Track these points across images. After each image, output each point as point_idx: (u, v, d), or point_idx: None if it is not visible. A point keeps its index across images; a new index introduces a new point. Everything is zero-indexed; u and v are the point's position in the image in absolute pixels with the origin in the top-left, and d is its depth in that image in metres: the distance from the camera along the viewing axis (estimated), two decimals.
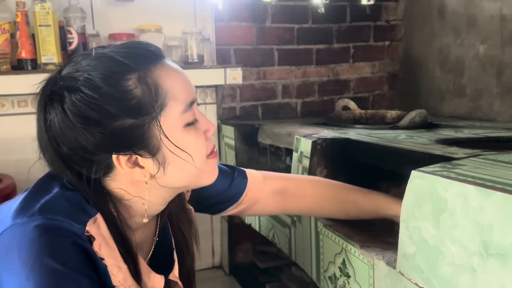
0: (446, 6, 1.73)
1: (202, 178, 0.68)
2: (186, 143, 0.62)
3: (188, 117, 0.62)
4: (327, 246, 0.92)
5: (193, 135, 0.63)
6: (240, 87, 1.78)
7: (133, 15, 1.56)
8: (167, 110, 0.60)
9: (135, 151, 0.60)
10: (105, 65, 0.58)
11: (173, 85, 0.61)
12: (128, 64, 0.58)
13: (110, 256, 0.62)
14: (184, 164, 0.63)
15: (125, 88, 0.58)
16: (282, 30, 1.82)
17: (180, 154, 0.62)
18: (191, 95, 0.64)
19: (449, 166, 0.67)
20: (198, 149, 0.64)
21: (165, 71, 0.61)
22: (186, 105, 0.62)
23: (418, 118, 1.29)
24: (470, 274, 0.55)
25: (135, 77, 0.58)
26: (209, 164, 0.67)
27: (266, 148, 1.55)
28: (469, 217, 0.55)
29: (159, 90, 0.59)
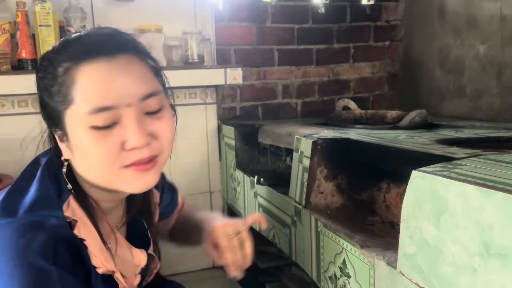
0: (446, 6, 1.73)
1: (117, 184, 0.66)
2: (84, 144, 0.63)
3: (95, 121, 0.61)
4: (328, 246, 0.92)
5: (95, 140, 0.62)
6: (240, 87, 1.78)
7: (133, 15, 1.56)
8: (76, 105, 0.62)
9: (56, 130, 0.66)
10: (58, 48, 0.65)
11: (89, 86, 0.62)
12: (68, 52, 0.63)
13: (90, 237, 0.66)
14: (85, 162, 0.65)
15: (56, 73, 0.63)
16: (282, 30, 1.82)
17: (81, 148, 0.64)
18: (109, 101, 0.61)
19: (450, 166, 0.67)
20: (96, 155, 0.63)
21: (94, 69, 0.62)
22: (95, 109, 0.61)
23: (418, 118, 1.29)
24: (470, 274, 0.55)
25: (65, 67, 0.63)
26: (126, 174, 0.64)
27: (266, 148, 1.55)
28: (470, 217, 0.55)
29: (72, 84, 0.62)
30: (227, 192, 1.70)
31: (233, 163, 1.59)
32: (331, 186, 1.07)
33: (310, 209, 1.03)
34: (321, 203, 1.05)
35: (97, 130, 0.62)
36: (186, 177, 1.69)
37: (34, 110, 1.48)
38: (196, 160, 1.72)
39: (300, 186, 1.07)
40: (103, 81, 0.62)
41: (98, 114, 0.61)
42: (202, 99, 1.71)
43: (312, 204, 1.05)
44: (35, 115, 1.49)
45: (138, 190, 0.68)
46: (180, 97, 1.67)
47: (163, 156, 0.68)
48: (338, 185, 1.07)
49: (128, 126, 0.62)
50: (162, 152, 0.67)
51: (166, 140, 0.68)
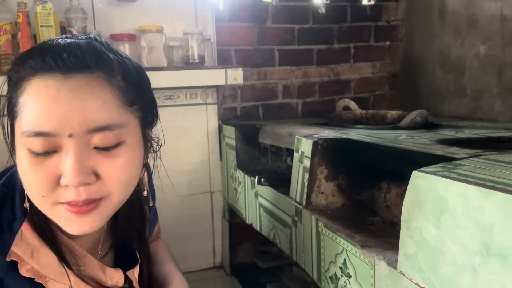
0: (446, 6, 1.73)
1: (55, 220, 0.58)
2: (21, 167, 0.56)
3: (31, 144, 0.53)
4: (328, 246, 0.92)
5: (30, 165, 0.54)
6: (241, 87, 1.78)
7: (134, 16, 1.57)
8: (18, 121, 0.56)
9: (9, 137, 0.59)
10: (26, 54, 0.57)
11: (29, 103, 0.54)
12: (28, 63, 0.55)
13: (48, 266, 0.61)
14: (25, 185, 0.57)
15: (12, 77, 0.57)
16: (283, 31, 1.82)
17: (20, 170, 0.57)
18: (48, 127, 0.53)
19: (450, 166, 0.67)
20: (30, 182, 0.56)
21: (42, 86, 0.54)
22: (31, 132, 0.53)
23: (419, 118, 1.29)
24: (471, 274, 0.55)
25: (20, 75, 0.56)
26: (59, 211, 0.56)
27: (267, 148, 1.55)
28: (470, 217, 0.55)
29: (20, 98, 0.55)
30: (227, 192, 1.71)
31: (233, 163, 1.59)
32: (331, 186, 1.07)
33: (311, 209, 1.03)
34: (322, 203, 1.06)
35: (33, 156, 0.54)
36: (187, 177, 1.70)
37: None
38: (197, 160, 1.72)
39: (301, 186, 1.08)
40: (47, 102, 0.53)
41: (33, 138, 0.53)
42: (203, 99, 1.71)
43: (313, 204, 1.05)
44: None
45: (75, 232, 0.58)
46: (181, 97, 1.67)
47: (111, 200, 0.58)
48: (338, 185, 1.07)
49: (64, 159, 0.54)
50: (109, 195, 0.58)
51: (115, 183, 0.57)
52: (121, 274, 0.70)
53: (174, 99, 1.66)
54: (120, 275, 0.70)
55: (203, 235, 1.81)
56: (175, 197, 1.68)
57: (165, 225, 0.99)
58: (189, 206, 1.73)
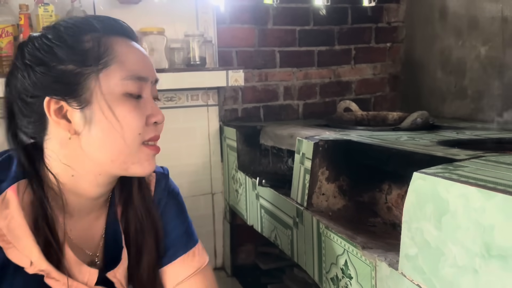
0: (447, 7, 1.73)
1: (131, 162, 0.64)
2: (119, 110, 0.62)
3: (130, 87, 0.63)
4: (329, 247, 0.92)
5: (130, 107, 0.63)
6: (242, 89, 1.79)
7: (135, 18, 1.57)
8: (110, 69, 0.63)
9: (65, 98, 0.62)
10: (75, 20, 0.65)
11: (126, 53, 0.64)
12: (94, 24, 0.64)
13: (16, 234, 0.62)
14: (110, 131, 0.62)
15: (79, 39, 0.63)
16: (284, 32, 1.82)
17: (109, 116, 0.62)
18: (144, 71, 0.65)
19: (451, 167, 0.67)
20: (130, 123, 0.63)
21: (125, 43, 0.66)
22: (131, 75, 0.63)
23: (420, 120, 1.29)
24: (472, 275, 0.55)
25: (93, 36, 0.63)
26: (143, 153, 0.65)
27: (268, 149, 1.55)
28: (471, 219, 0.55)
29: (108, 50, 0.63)
30: (229, 194, 1.71)
31: (235, 164, 1.59)
32: (332, 188, 1.07)
33: (312, 211, 1.03)
34: (323, 205, 1.06)
35: (131, 99, 0.64)
36: (188, 179, 1.70)
37: None
38: (198, 162, 1.72)
39: (302, 187, 1.08)
40: (138, 53, 0.66)
41: (133, 82, 0.63)
42: (204, 101, 1.72)
43: (314, 206, 1.05)
44: None
45: (147, 171, 0.68)
46: (182, 99, 1.68)
47: None
48: (339, 186, 1.08)
49: (151, 101, 0.67)
50: None
51: (162, 128, 0.70)
52: (94, 275, 0.68)
53: (176, 100, 1.67)
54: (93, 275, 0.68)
55: (204, 236, 1.80)
56: None
57: None
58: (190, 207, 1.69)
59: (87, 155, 0.64)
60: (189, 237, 0.81)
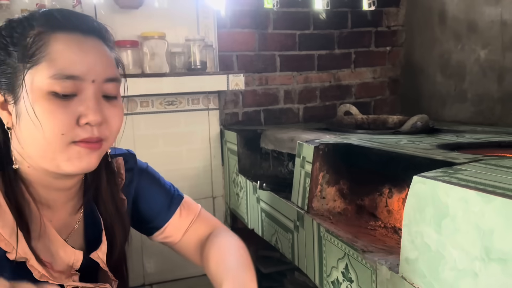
0: (446, 11, 1.74)
1: (59, 160, 0.65)
2: (41, 109, 0.62)
3: (57, 86, 0.62)
4: (330, 251, 0.92)
5: (53, 107, 0.62)
6: (243, 92, 1.79)
7: (136, 23, 1.58)
8: (38, 67, 0.62)
9: (4, 92, 0.64)
10: (30, 15, 0.66)
11: (61, 50, 0.63)
12: (42, 19, 0.64)
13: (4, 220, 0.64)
14: (32, 128, 0.62)
15: (24, 33, 0.63)
16: (284, 36, 1.83)
17: (31, 114, 0.62)
18: (78, 70, 0.63)
19: (451, 171, 0.68)
20: (50, 123, 0.62)
21: (68, 39, 0.64)
22: (60, 74, 0.62)
23: (420, 123, 1.29)
24: (472, 278, 0.56)
25: (38, 31, 0.63)
26: (71, 151, 0.64)
27: (268, 153, 1.55)
28: (471, 222, 0.56)
29: (42, 47, 0.62)
30: (229, 197, 1.71)
31: (235, 168, 1.60)
32: (333, 191, 1.07)
33: (313, 214, 1.03)
34: (323, 208, 1.06)
35: (55, 98, 0.62)
36: (189, 182, 1.70)
37: None
38: (199, 165, 1.73)
39: (302, 191, 1.08)
40: (77, 51, 0.64)
41: (62, 81, 0.62)
42: (205, 105, 1.72)
43: (314, 209, 1.05)
44: None
45: (78, 170, 0.66)
46: (183, 103, 1.68)
47: (107, 144, 0.69)
48: (340, 190, 1.08)
49: (87, 100, 0.64)
50: (108, 139, 0.68)
51: (115, 128, 0.69)
52: (79, 257, 0.72)
53: (176, 104, 1.67)
54: (78, 256, 0.72)
55: None
56: None
57: None
58: None
59: (23, 149, 0.66)
60: (173, 197, 0.89)
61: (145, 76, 1.49)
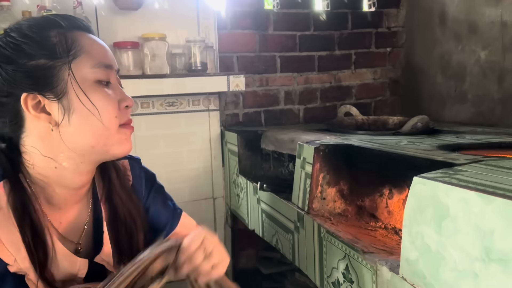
0: (447, 12, 1.74)
1: (111, 144, 0.68)
2: (94, 96, 0.66)
3: (100, 74, 0.67)
4: (330, 251, 0.92)
5: (103, 93, 0.67)
6: (243, 93, 1.79)
7: (137, 24, 1.58)
8: (80, 59, 0.66)
9: (41, 92, 0.64)
10: (38, 20, 0.68)
11: (90, 44, 0.68)
12: (57, 20, 0.67)
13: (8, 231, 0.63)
14: (89, 117, 0.65)
15: (45, 35, 0.65)
16: (285, 38, 1.84)
17: (86, 103, 0.65)
18: (108, 60, 0.69)
19: (451, 172, 0.68)
20: (106, 107, 0.67)
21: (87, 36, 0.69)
22: (99, 63, 0.67)
23: (420, 124, 1.30)
24: (472, 279, 0.56)
25: (57, 31, 0.66)
26: (121, 134, 0.69)
27: (269, 154, 1.56)
28: (471, 223, 0.56)
29: (74, 43, 0.66)
30: (230, 198, 1.71)
31: (236, 169, 1.60)
32: (333, 192, 1.07)
33: (313, 215, 1.03)
34: (324, 209, 1.06)
35: (102, 86, 0.67)
36: (189, 183, 1.70)
37: None
38: (200, 166, 1.73)
39: (303, 192, 1.08)
40: (101, 45, 0.70)
41: (102, 69, 0.67)
42: (205, 106, 1.72)
43: (315, 210, 1.05)
44: None
45: (126, 151, 0.71)
46: (183, 104, 1.69)
47: None
48: (340, 190, 1.08)
49: (118, 87, 0.71)
50: None
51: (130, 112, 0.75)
52: (85, 265, 0.72)
53: (177, 105, 1.68)
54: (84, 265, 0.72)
55: None
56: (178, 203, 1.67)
57: None
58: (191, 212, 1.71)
59: (68, 145, 0.66)
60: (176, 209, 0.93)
61: (146, 77, 1.50)
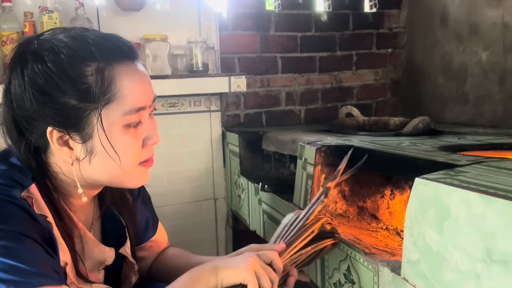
0: (448, 13, 1.74)
1: (126, 181, 0.70)
2: (118, 142, 0.65)
3: (130, 120, 0.65)
4: (332, 252, 0.92)
5: (128, 137, 0.66)
6: (244, 94, 1.80)
7: (139, 25, 1.58)
8: (112, 106, 0.64)
9: (68, 131, 0.64)
10: (75, 46, 0.63)
11: (127, 86, 0.64)
12: (95, 53, 0.63)
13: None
14: (109, 161, 0.66)
15: (82, 72, 0.62)
16: (286, 38, 1.84)
17: (109, 150, 0.65)
18: (143, 101, 0.66)
19: (452, 173, 0.68)
20: (128, 153, 0.67)
21: (126, 71, 0.65)
22: (132, 109, 0.65)
23: (421, 125, 1.30)
24: (473, 280, 0.56)
25: (95, 66, 0.63)
26: (138, 171, 0.70)
27: (270, 155, 1.56)
28: (473, 224, 0.56)
29: (111, 85, 0.63)
30: (231, 199, 1.71)
31: (237, 170, 1.60)
32: (335, 193, 1.07)
33: None
34: (325, 210, 1.06)
35: (128, 129, 0.66)
36: (191, 184, 1.70)
37: None
38: (201, 167, 1.73)
39: (304, 192, 1.08)
40: (139, 82, 0.66)
41: (134, 114, 0.65)
42: (207, 107, 1.73)
43: None
44: None
45: (140, 185, 0.75)
46: (185, 104, 1.69)
47: None
48: (341, 191, 1.08)
49: (148, 124, 0.69)
50: None
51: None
52: (112, 252, 0.77)
53: (178, 106, 1.68)
54: (111, 253, 0.77)
55: (207, 241, 1.81)
56: (179, 204, 1.68)
57: (169, 232, 0.99)
58: (193, 213, 1.74)
59: (86, 178, 0.68)
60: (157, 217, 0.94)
61: None
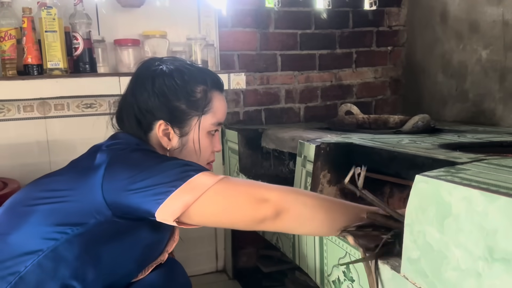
0: (448, 11, 1.74)
1: None
2: (202, 142, 0.93)
3: (213, 128, 0.94)
4: (331, 250, 0.92)
5: (208, 141, 0.94)
6: (244, 92, 1.79)
7: (138, 21, 1.58)
8: (207, 116, 0.92)
9: (173, 126, 0.90)
10: (194, 71, 0.93)
11: (218, 106, 0.94)
12: (206, 80, 0.92)
13: None
14: (193, 154, 0.92)
15: (194, 89, 0.91)
16: (286, 36, 1.83)
17: (196, 146, 0.92)
18: (223, 119, 0.96)
19: (453, 170, 0.68)
20: (206, 151, 0.94)
21: (219, 97, 0.95)
22: (217, 122, 0.94)
23: (421, 123, 1.29)
24: (475, 279, 0.55)
25: (203, 88, 0.92)
26: (206, 167, 0.88)
27: (269, 152, 1.55)
28: (474, 222, 0.55)
29: (210, 103, 0.92)
30: None
31: (236, 167, 1.59)
32: (334, 191, 1.07)
33: None
34: None
35: (210, 135, 0.94)
36: None
37: (40, 115, 1.49)
38: None
39: None
40: (224, 107, 0.96)
41: (217, 126, 0.94)
42: None
43: None
44: (40, 120, 1.51)
45: None
46: None
47: None
48: (341, 189, 1.08)
49: (217, 136, 0.98)
50: None
51: None
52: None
53: None
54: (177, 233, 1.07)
55: (205, 239, 1.81)
56: None
57: None
58: None
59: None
60: None
61: None
